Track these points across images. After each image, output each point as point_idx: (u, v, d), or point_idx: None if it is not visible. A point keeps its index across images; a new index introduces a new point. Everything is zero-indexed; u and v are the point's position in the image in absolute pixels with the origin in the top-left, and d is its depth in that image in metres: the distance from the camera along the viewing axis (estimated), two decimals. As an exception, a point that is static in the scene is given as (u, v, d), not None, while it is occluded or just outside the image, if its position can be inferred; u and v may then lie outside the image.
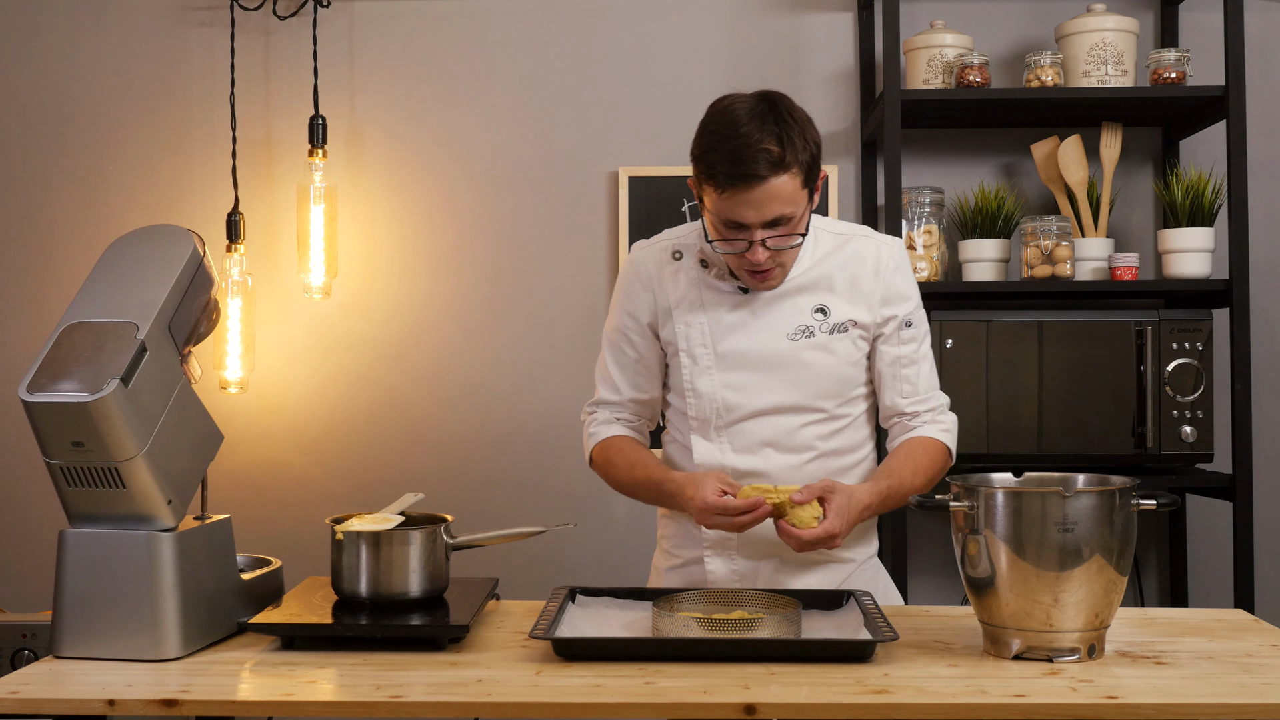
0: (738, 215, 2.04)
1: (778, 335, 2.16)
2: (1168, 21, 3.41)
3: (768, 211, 2.03)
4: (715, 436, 2.19)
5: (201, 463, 1.92)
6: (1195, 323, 3.10)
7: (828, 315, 2.17)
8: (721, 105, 2.08)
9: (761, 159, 2.00)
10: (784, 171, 2.02)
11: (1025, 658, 1.79)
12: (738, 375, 2.17)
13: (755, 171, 2.00)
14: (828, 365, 2.17)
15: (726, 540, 2.20)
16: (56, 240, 3.52)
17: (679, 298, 2.21)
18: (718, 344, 2.18)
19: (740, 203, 2.02)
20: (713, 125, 2.05)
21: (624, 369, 2.27)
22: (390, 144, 3.51)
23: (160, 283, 1.85)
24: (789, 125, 2.03)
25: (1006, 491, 1.79)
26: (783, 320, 2.17)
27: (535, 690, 1.65)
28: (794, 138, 2.03)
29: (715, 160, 2.02)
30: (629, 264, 2.28)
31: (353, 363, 3.50)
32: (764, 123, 2.02)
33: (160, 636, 1.78)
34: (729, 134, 2.02)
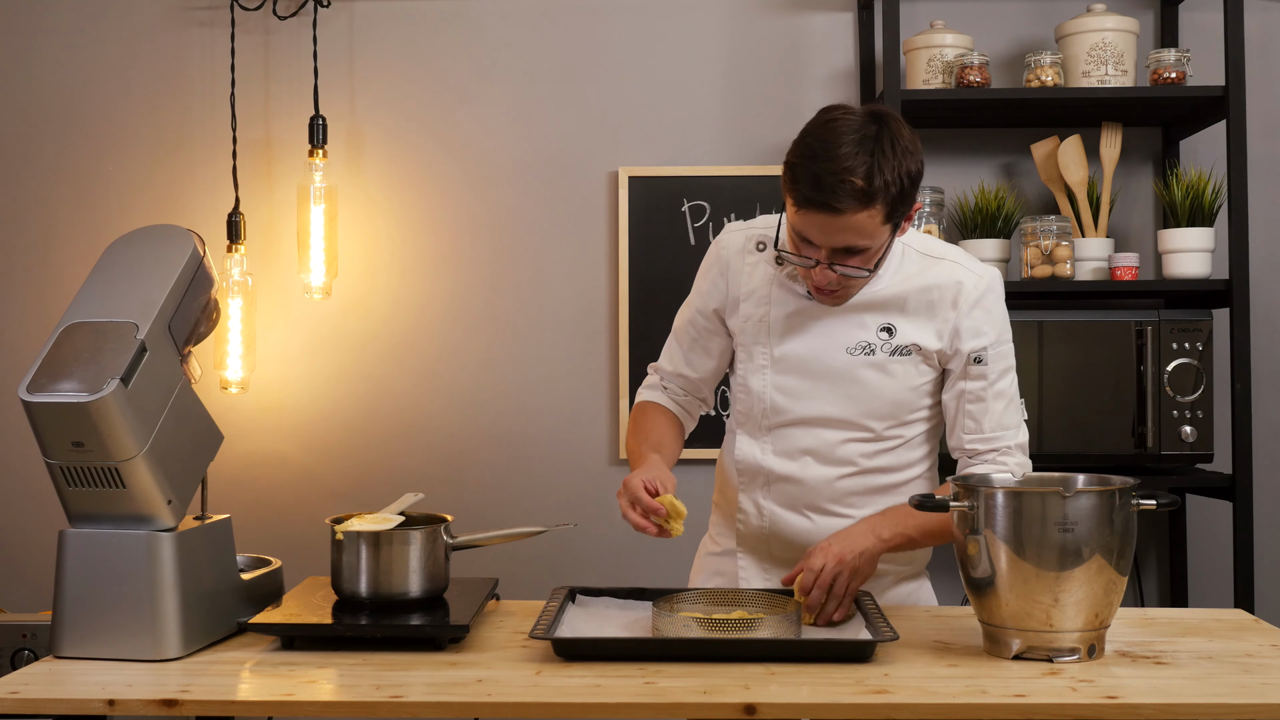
0: (810, 234, 1.98)
1: (837, 347, 2.12)
2: (1168, 21, 3.41)
3: (839, 241, 1.97)
4: (759, 436, 2.18)
5: (201, 463, 1.92)
6: (1195, 323, 3.10)
7: (893, 336, 2.11)
8: (827, 116, 1.97)
9: (844, 190, 1.91)
10: (865, 207, 1.92)
11: (1025, 658, 1.79)
12: (790, 379, 2.14)
13: (833, 202, 1.92)
14: (883, 386, 2.11)
15: (758, 540, 2.21)
16: (56, 240, 3.52)
17: (750, 290, 2.17)
18: (775, 345, 2.15)
19: (813, 224, 1.96)
20: (811, 136, 1.96)
21: (682, 344, 2.28)
22: (390, 144, 3.51)
23: (160, 283, 1.85)
24: (886, 157, 1.92)
25: (1006, 491, 1.79)
26: (845, 333, 2.12)
27: (535, 690, 1.65)
28: (886, 171, 1.92)
29: (799, 175, 1.94)
30: (715, 245, 2.24)
31: (353, 363, 3.50)
32: (860, 150, 1.91)
33: (160, 636, 1.78)
34: (820, 152, 1.92)
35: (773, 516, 2.19)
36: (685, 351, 2.27)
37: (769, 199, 3.42)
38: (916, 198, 2.02)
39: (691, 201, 3.44)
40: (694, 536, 2.45)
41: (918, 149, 1.99)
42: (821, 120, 1.98)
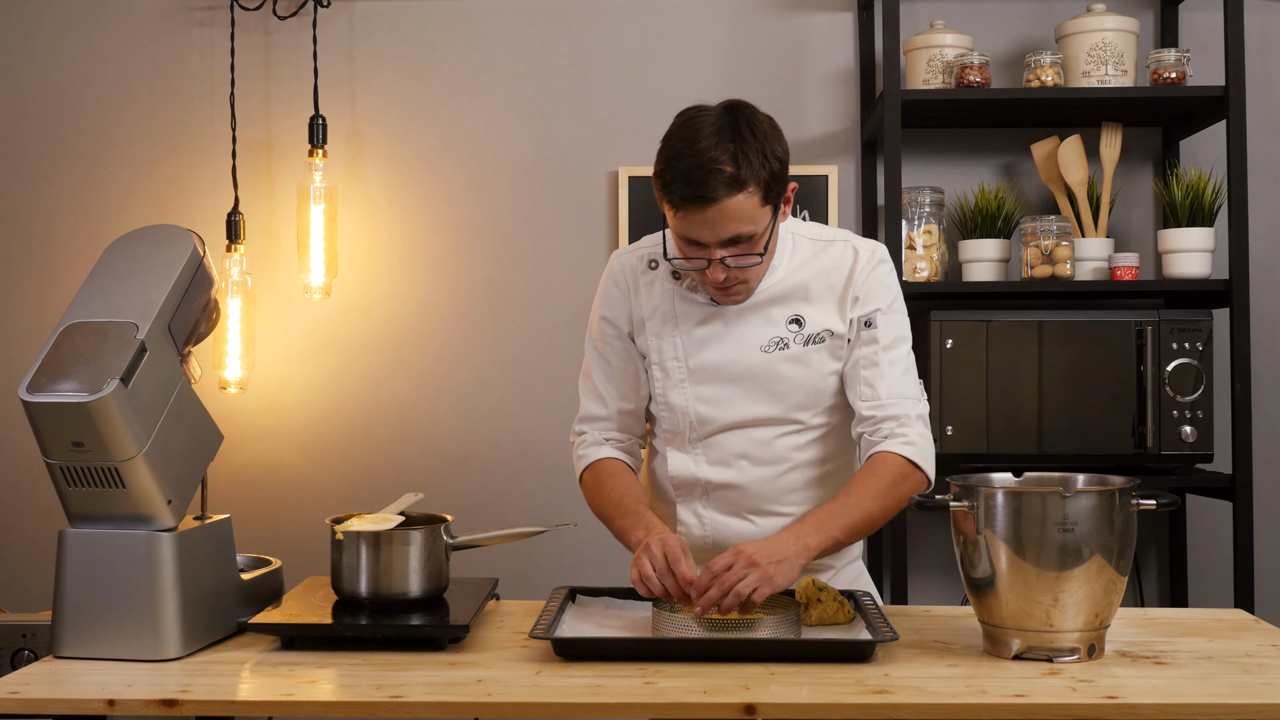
0: (694, 234, 1.99)
1: (750, 348, 2.12)
2: (1168, 21, 3.41)
3: (724, 231, 1.97)
4: (690, 449, 2.17)
5: (201, 463, 1.92)
6: (1195, 323, 3.10)
7: (803, 326, 2.12)
8: (683, 119, 2.00)
9: (715, 179, 1.92)
10: (739, 191, 1.94)
11: (1025, 658, 1.79)
12: (710, 389, 2.14)
13: (708, 193, 1.93)
14: (802, 377, 2.12)
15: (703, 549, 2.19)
16: (56, 240, 3.52)
17: (652, 309, 2.17)
18: (690, 357, 2.14)
19: (695, 222, 1.97)
20: (672, 140, 1.98)
21: (610, 379, 2.22)
22: (390, 144, 3.51)
23: (160, 283, 1.85)
24: (747, 141, 1.94)
25: (1006, 491, 1.79)
26: (755, 332, 2.12)
27: (535, 690, 1.65)
28: (751, 155, 1.94)
29: (670, 178, 1.95)
30: (607, 272, 2.24)
31: (353, 363, 3.50)
32: (720, 139, 1.94)
33: (160, 636, 1.78)
34: (684, 151, 1.94)
35: (715, 525, 2.19)
36: (617, 385, 2.21)
37: (769, 199, 3.42)
38: (788, 179, 2.04)
39: (691, 201, 3.43)
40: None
41: (778, 132, 2.01)
42: (679, 122, 2.00)
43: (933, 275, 3.24)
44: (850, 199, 3.46)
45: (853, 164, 3.46)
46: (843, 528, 1.98)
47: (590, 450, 2.23)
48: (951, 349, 3.10)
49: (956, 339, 3.10)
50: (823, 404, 2.14)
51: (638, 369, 2.21)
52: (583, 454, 2.24)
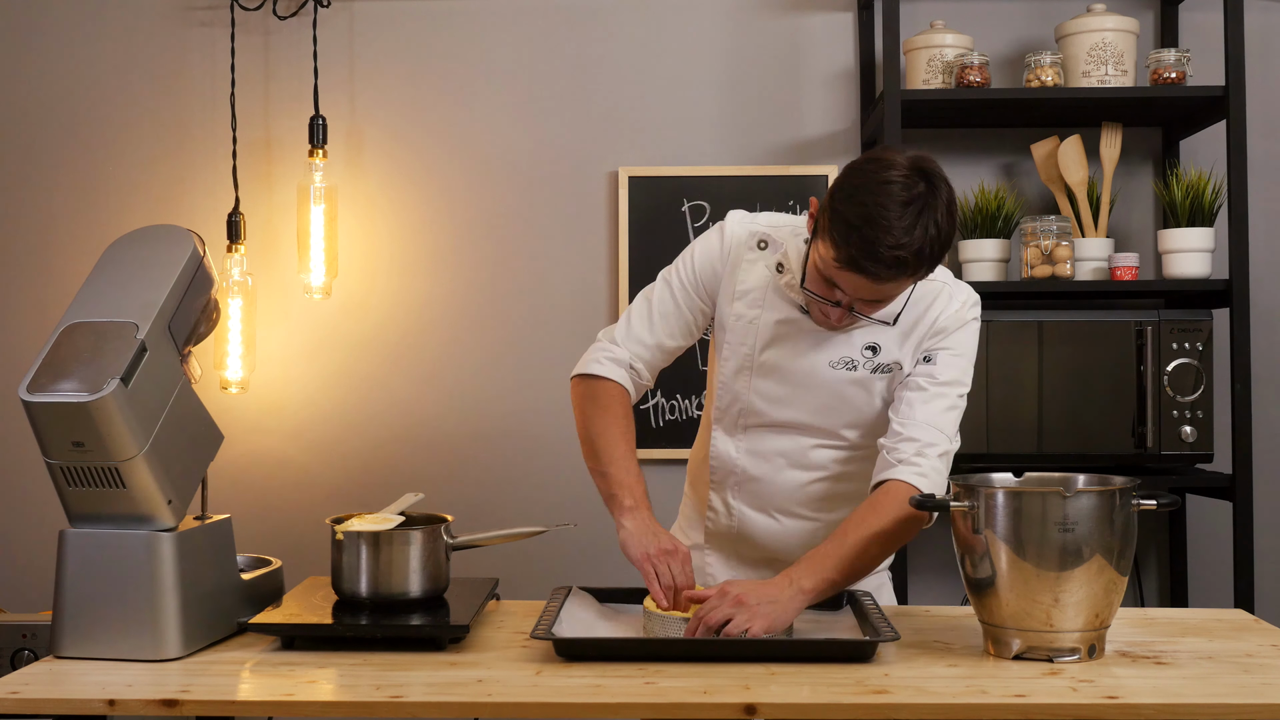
0: (842, 284, 1.96)
1: (820, 360, 2.12)
2: (1168, 21, 3.41)
3: (869, 296, 1.96)
4: (734, 434, 2.19)
5: (201, 463, 1.92)
6: (1195, 323, 3.10)
7: (876, 354, 2.11)
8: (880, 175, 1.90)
9: (895, 264, 1.88)
10: (908, 276, 1.92)
11: (1025, 658, 1.78)
12: (770, 385, 2.15)
13: (882, 273, 1.90)
14: (860, 400, 2.12)
15: (725, 538, 2.23)
16: (56, 240, 3.52)
17: (746, 289, 2.15)
18: (762, 349, 2.14)
19: (849, 280, 1.94)
20: (864, 195, 1.89)
21: (666, 316, 2.18)
22: (390, 144, 3.51)
23: (160, 283, 1.85)
24: (935, 226, 1.89)
25: (1007, 491, 1.79)
26: (831, 348, 2.12)
27: (535, 690, 1.65)
28: (933, 243, 1.89)
29: (851, 237, 1.89)
30: (720, 231, 2.19)
31: (353, 363, 3.50)
32: (913, 219, 1.87)
33: (160, 636, 1.78)
34: (876, 218, 1.87)
35: (741, 516, 2.21)
36: (670, 324, 2.19)
37: (769, 199, 3.42)
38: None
39: (691, 201, 3.44)
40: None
41: (955, 206, 1.94)
42: (876, 177, 1.91)
43: (933, 275, 3.23)
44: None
45: (853, 164, 3.46)
46: (839, 569, 1.94)
47: (610, 366, 2.18)
48: (951, 349, 3.09)
49: (956, 339, 3.10)
50: (870, 427, 2.14)
51: (693, 324, 2.20)
52: (601, 359, 2.18)
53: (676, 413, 3.42)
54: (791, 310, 2.13)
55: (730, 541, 2.22)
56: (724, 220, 2.22)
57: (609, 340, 2.21)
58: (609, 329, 2.24)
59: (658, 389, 3.42)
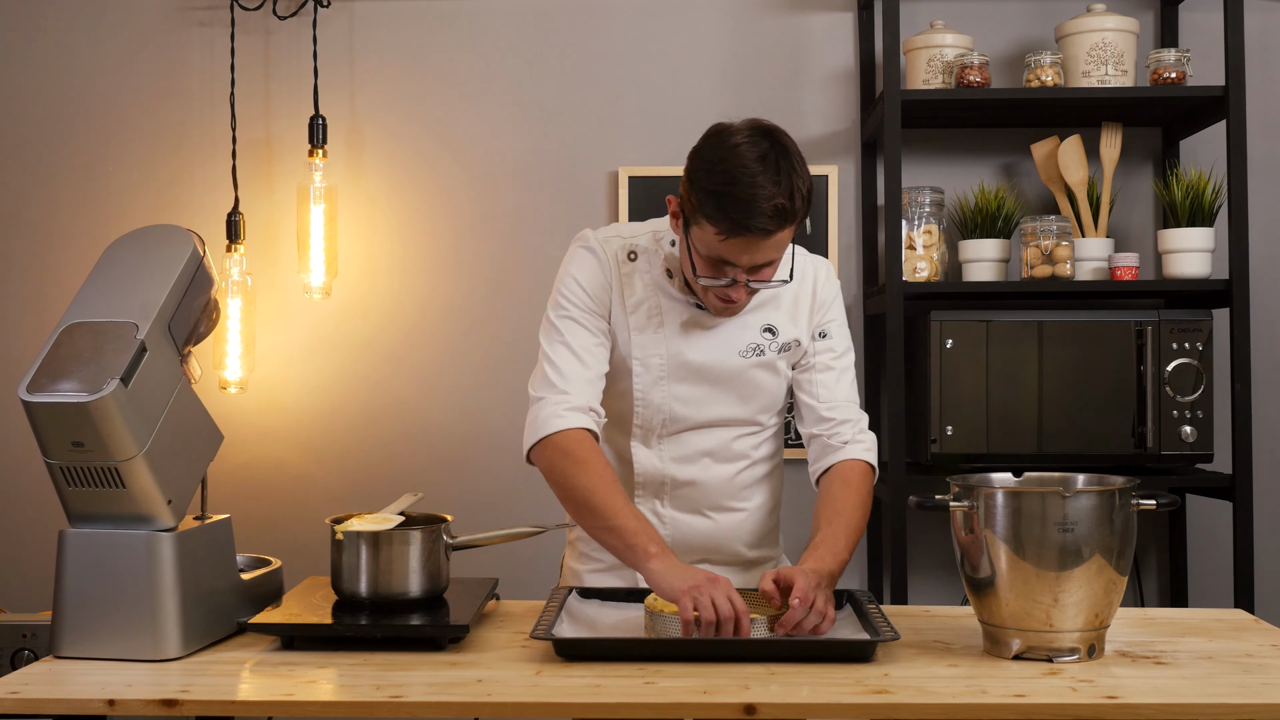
0: (733, 258, 2.00)
1: (730, 352, 2.16)
2: (1168, 21, 3.41)
3: (762, 258, 2.00)
4: (656, 444, 2.19)
5: (201, 463, 1.92)
6: (1195, 323, 3.10)
7: (776, 335, 2.18)
8: (727, 142, 1.98)
9: (774, 214, 1.94)
10: (789, 224, 1.97)
11: (1025, 658, 1.79)
12: (687, 388, 2.16)
13: (767, 226, 1.94)
14: (771, 383, 2.19)
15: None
16: (56, 240, 3.52)
17: (636, 302, 2.16)
18: (673, 355, 2.15)
19: (738, 249, 1.98)
20: (722, 165, 1.96)
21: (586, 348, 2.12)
22: (390, 144, 3.51)
23: (160, 283, 1.85)
24: (797, 175, 1.96)
25: (1006, 491, 1.79)
26: (735, 337, 2.16)
27: (535, 690, 1.65)
28: (802, 189, 1.96)
29: (725, 204, 1.94)
30: (586, 249, 2.17)
31: (353, 363, 3.50)
32: (777, 172, 1.94)
33: (160, 636, 1.78)
34: (741, 178, 1.93)
35: (674, 522, 2.21)
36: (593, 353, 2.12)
37: (769, 199, 3.42)
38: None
39: (691, 201, 3.43)
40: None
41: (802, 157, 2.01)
42: (723, 145, 1.97)
43: (932, 275, 3.24)
44: (850, 199, 3.46)
45: (853, 164, 3.46)
46: (848, 547, 2.05)
47: (571, 416, 2.07)
48: (951, 349, 3.10)
49: (956, 339, 3.10)
50: (778, 407, 2.24)
51: (608, 346, 2.16)
52: (558, 413, 2.07)
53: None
54: (690, 310, 2.16)
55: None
56: (584, 240, 2.19)
57: (550, 393, 2.11)
58: (535, 387, 2.14)
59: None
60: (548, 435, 2.08)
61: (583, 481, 2.03)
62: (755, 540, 2.25)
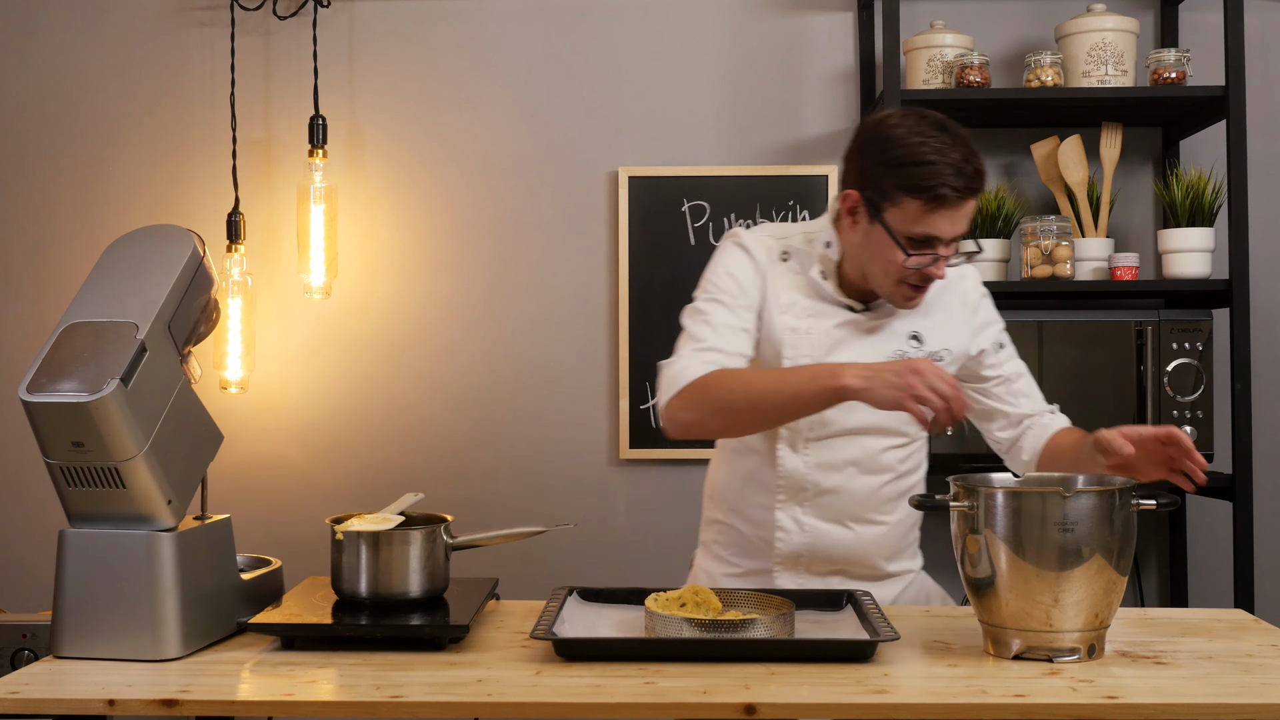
0: (937, 229, 2.01)
1: (880, 355, 2.14)
2: (1168, 21, 3.41)
3: (961, 227, 2.03)
4: (802, 449, 2.17)
5: (201, 463, 1.92)
6: (1195, 323, 3.10)
7: (922, 343, 2.16)
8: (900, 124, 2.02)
9: (974, 175, 1.99)
10: (982, 189, 2.03)
11: (1025, 658, 1.78)
12: None
13: (970, 186, 1.99)
14: None
15: (799, 555, 2.19)
16: (56, 240, 3.52)
17: (789, 302, 2.14)
18: (824, 355, 2.13)
19: (947, 217, 2.00)
20: (904, 142, 1.99)
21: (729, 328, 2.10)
22: (390, 144, 3.51)
23: (160, 283, 1.85)
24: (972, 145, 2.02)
25: (1006, 491, 1.79)
26: (883, 343, 2.15)
27: (535, 690, 1.65)
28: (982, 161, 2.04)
29: (936, 173, 1.97)
30: (740, 247, 2.16)
31: (353, 363, 3.50)
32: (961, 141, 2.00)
33: (160, 636, 1.78)
34: (932, 147, 1.98)
35: (814, 530, 2.19)
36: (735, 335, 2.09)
37: (769, 199, 3.42)
38: None
39: (691, 201, 3.44)
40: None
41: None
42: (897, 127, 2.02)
43: (933, 275, 3.24)
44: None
45: (853, 164, 3.46)
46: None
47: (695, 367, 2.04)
48: (951, 349, 3.09)
49: (956, 339, 3.10)
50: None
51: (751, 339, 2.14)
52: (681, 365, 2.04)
53: (676, 413, 3.41)
54: (840, 313, 2.14)
55: (802, 558, 2.20)
56: (736, 237, 2.18)
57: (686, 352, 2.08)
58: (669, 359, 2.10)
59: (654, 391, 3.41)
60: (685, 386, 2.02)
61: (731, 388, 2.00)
62: (894, 553, 2.24)
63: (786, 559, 2.20)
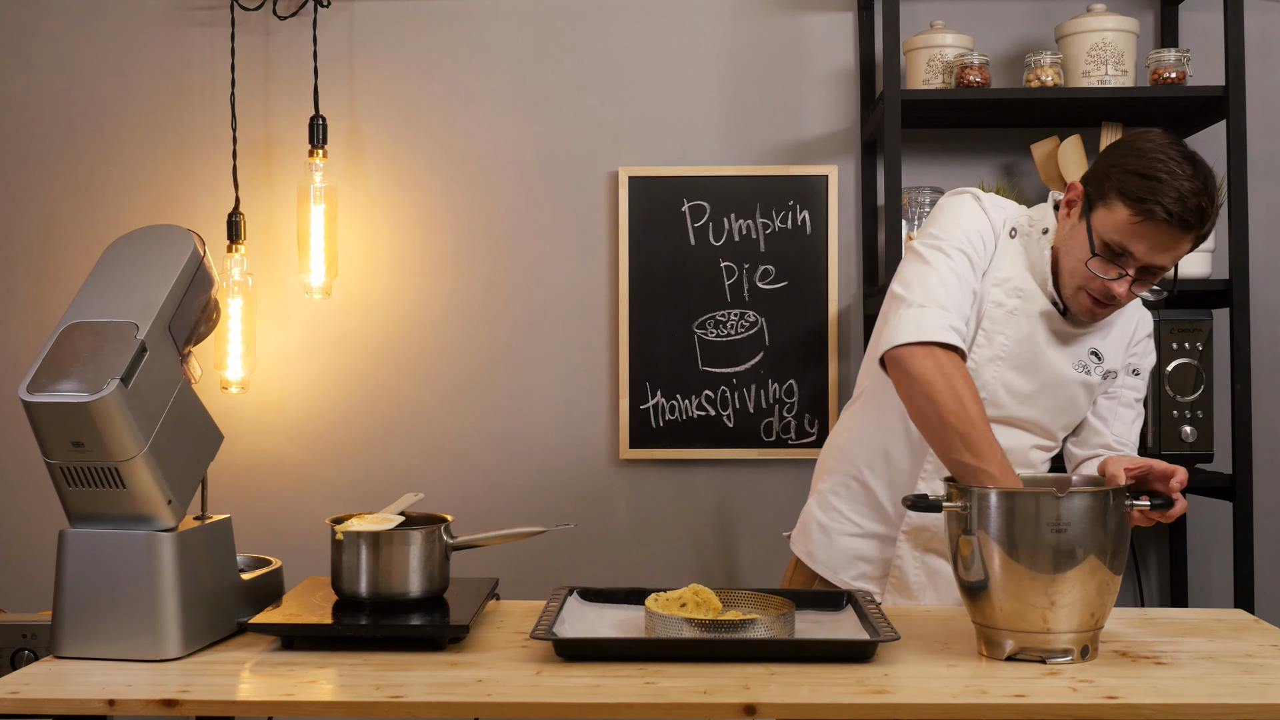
0: (1132, 245, 2.01)
1: (1065, 360, 2.17)
2: (1168, 21, 3.41)
3: (1161, 258, 2.02)
4: None
5: (201, 463, 1.92)
6: (1195, 323, 3.10)
7: (1101, 360, 2.20)
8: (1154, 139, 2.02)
9: (1202, 215, 1.97)
10: (1198, 228, 1.99)
11: (1019, 659, 1.78)
12: (1019, 379, 2.17)
13: (1183, 216, 1.96)
14: (1084, 403, 2.22)
15: (925, 529, 2.20)
16: (56, 240, 3.52)
17: (1006, 276, 2.15)
18: (1018, 341, 2.15)
19: (1145, 237, 1.99)
20: (1150, 154, 1.99)
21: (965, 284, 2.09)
22: (390, 144, 3.51)
23: (160, 283, 1.85)
24: (1216, 189, 2.00)
25: (1000, 492, 1.79)
26: (1070, 349, 2.18)
27: (535, 690, 1.65)
28: (1214, 206, 1.99)
29: (1150, 186, 1.97)
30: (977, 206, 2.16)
31: (353, 363, 3.50)
32: (1202, 177, 1.98)
33: (160, 636, 1.78)
34: (1168, 167, 1.97)
35: None
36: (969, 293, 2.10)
37: (769, 199, 3.42)
38: None
39: (691, 201, 3.44)
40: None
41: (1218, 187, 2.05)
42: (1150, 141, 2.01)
43: (933, 275, 3.23)
44: (850, 199, 3.46)
45: (853, 164, 3.46)
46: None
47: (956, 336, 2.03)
48: (951, 349, 3.09)
49: (956, 339, 3.09)
50: (1073, 429, 2.25)
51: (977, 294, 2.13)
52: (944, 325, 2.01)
53: (676, 413, 3.42)
54: (1046, 305, 2.15)
55: (927, 533, 2.21)
56: (972, 194, 2.18)
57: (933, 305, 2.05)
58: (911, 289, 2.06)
59: (657, 389, 3.42)
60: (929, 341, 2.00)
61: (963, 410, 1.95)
62: None
63: (914, 530, 2.21)
